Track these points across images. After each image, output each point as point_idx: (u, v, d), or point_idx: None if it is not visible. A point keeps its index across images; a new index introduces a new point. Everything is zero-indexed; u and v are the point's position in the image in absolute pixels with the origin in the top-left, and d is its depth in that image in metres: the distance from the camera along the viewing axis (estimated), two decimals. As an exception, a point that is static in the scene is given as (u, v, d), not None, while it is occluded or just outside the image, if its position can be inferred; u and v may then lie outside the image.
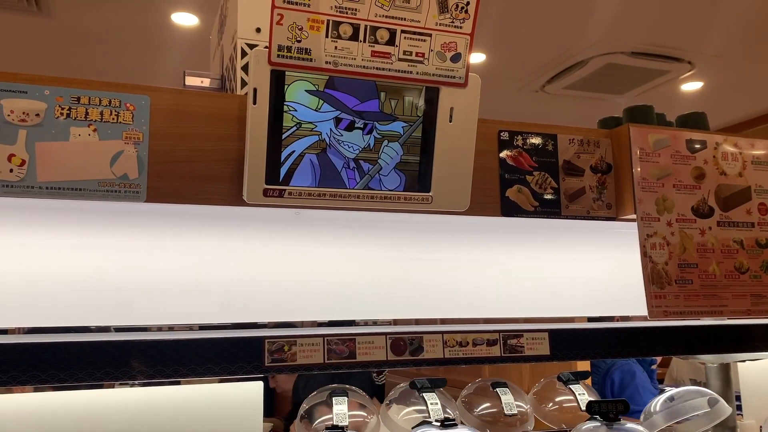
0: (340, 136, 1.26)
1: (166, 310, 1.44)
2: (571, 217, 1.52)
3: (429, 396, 1.44)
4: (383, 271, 1.62)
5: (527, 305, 1.74)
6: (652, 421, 1.53)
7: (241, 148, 1.24)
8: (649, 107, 1.65)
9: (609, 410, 1.34)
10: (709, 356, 1.76)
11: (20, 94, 1.13)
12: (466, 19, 1.24)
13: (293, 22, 1.15)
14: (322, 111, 1.24)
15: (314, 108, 1.23)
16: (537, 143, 1.52)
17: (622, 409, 1.34)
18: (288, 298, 1.53)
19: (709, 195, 1.52)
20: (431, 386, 1.46)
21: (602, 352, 1.36)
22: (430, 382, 1.47)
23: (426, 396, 1.44)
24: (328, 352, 1.17)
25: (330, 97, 1.24)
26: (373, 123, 1.28)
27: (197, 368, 1.09)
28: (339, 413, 1.39)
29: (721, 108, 6.75)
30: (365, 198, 1.29)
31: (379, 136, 1.29)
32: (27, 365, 1.01)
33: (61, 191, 1.14)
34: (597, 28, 5.04)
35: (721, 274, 1.49)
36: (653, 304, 1.41)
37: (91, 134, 1.16)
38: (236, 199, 1.25)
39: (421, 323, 1.76)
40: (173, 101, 1.24)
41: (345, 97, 1.25)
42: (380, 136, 1.29)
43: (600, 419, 1.34)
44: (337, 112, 1.25)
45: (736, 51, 5.52)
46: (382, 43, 1.21)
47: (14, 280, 1.32)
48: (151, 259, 1.41)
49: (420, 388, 1.46)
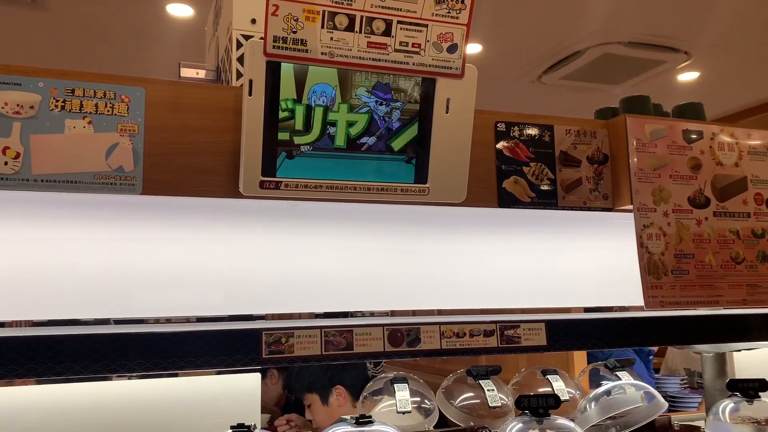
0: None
1: (163, 303, 1.44)
2: (568, 208, 1.52)
3: (485, 383, 1.52)
4: (380, 262, 1.62)
5: (524, 296, 1.75)
6: (586, 415, 1.50)
7: (237, 139, 1.24)
8: (645, 98, 1.64)
9: (539, 405, 1.30)
10: (705, 346, 1.77)
11: (14, 86, 1.12)
12: (462, 10, 1.23)
13: (289, 13, 1.14)
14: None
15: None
16: (534, 134, 1.51)
17: (553, 404, 1.30)
18: (285, 290, 1.53)
19: (705, 185, 1.53)
20: (486, 373, 1.54)
21: (598, 342, 1.36)
22: (485, 369, 1.55)
23: (482, 383, 1.52)
24: (325, 344, 1.17)
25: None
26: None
27: (194, 360, 1.09)
28: (402, 399, 1.45)
29: (717, 98, 6.75)
30: (362, 190, 1.29)
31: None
32: (24, 358, 1.01)
33: (56, 184, 1.14)
34: (593, 18, 5.03)
35: (717, 264, 1.49)
36: (649, 294, 1.41)
37: (86, 126, 1.16)
38: (232, 191, 1.25)
39: (418, 314, 1.76)
40: (168, 93, 1.23)
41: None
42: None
43: (530, 414, 1.30)
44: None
45: (733, 41, 5.51)
46: (378, 34, 1.20)
47: (10, 273, 1.31)
48: (147, 252, 1.41)
49: (476, 376, 1.54)
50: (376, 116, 1.28)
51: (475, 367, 1.56)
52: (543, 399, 1.30)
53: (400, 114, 1.29)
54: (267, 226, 1.51)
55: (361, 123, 1.27)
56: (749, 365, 1.96)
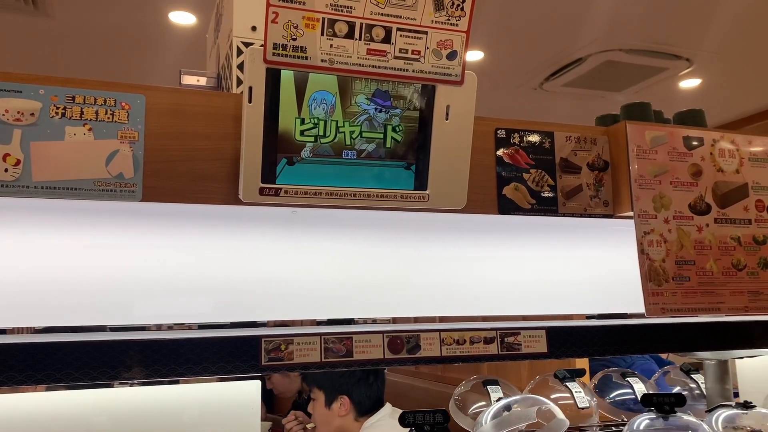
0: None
1: (163, 310, 1.44)
2: (569, 215, 1.51)
3: (572, 384, 1.61)
4: (381, 269, 1.62)
5: (525, 303, 1.74)
6: (482, 431, 1.48)
7: (237, 146, 1.24)
8: (646, 104, 1.64)
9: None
10: (706, 353, 1.76)
11: (15, 93, 1.12)
12: (462, 17, 1.23)
13: (288, 20, 1.14)
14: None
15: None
16: (534, 141, 1.51)
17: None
18: (285, 297, 1.53)
19: (706, 192, 1.52)
20: (572, 376, 1.65)
21: (599, 350, 1.36)
22: (569, 372, 1.64)
23: (569, 384, 1.62)
24: (325, 351, 1.17)
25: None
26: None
27: (194, 367, 1.09)
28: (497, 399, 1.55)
29: (719, 105, 6.75)
30: (362, 196, 1.29)
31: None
32: (23, 365, 1.01)
33: (56, 191, 1.14)
34: (595, 25, 5.04)
35: (718, 271, 1.49)
36: (650, 301, 1.41)
37: (86, 133, 1.16)
38: (232, 198, 1.25)
39: (419, 321, 1.76)
40: (169, 100, 1.24)
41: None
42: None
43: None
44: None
45: (735, 48, 5.51)
46: (377, 41, 1.20)
47: (10, 280, 1.31)
48: (147, 259, 1.41)
49: (562, 379, 1.64)
50: (376, 123, 1.28)
51: (560, 371, 1.64)
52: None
53: (400, 121, 1.29)
54: (267, 232, 1.51)
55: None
56: (751, 372, 1.95)
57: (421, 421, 1.23)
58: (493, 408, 1.50)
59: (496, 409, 1.49)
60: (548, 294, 1.75)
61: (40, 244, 1.34)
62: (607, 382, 1.79)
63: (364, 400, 2.77)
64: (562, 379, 1.61)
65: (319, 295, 1.54)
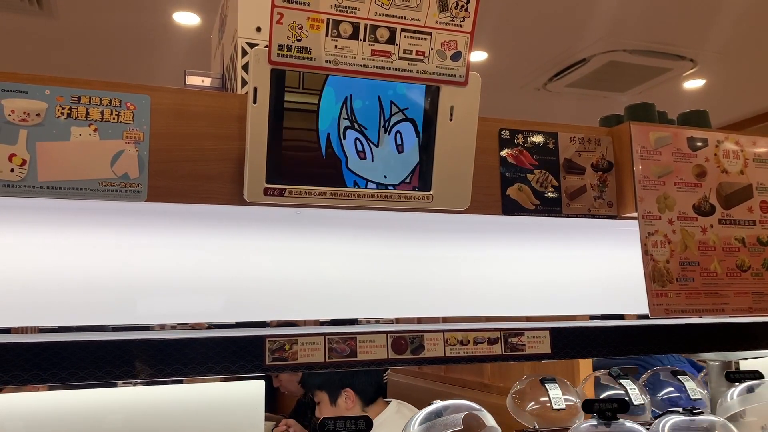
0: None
1: (168, 310, 1.45)
2: (572, 216, 1.52)
3: (626, 382, 1.67)
4: (385, 269, 1.62)
5: (528, 303, 1.74)
6: None
7: (241, 147, 1.24)
8: (650, 105, 1.64)
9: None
10: (710, 354, 1.76)
11: (21, 93, 1.13)
12: (466, 18, 1.24)
13: (293, 21, 1.15)
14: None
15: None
16: (538, 141, 1.51)
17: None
18: (290, 297, 1.53)
19: (710, 193, 1.52)
20: (625, 374, 1.70)
21: (603, 351, 1.35)
22: (622, 370, 1.69)
23: (623, 382, 1.67)
24: (329, 351, 1.17)
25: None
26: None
27: (198, 367, 1.09)
28: (555, 397, 1.58)
29: (723, 106, 6.74)
30: (366, 197, 1.29)
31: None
32: (29, 364, 1.01)
33: (61, 191, 1.14)
34: (599, 25, 5.03)
35: (722, 272, 1.49)
36: (654, 302, 1.41)
37: (91, 134, 1.16)
38: (237, 198, 1.25)
39: (423, 321, 1.76)
40: (174, 101, 1.24)
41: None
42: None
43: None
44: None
45: (739, 49, 5.50)
46: (382, 41, 1.21)
47: (16, 280, 1.32)
48: (152, 259, 1.41)
49: (616, 377, 1.69)
50: (380, 123, 1.28)
51: (614, 369, 1.69)
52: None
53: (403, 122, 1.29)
54: (271, 232, 1.51)
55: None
56: (756, 374, 1.94)
57: (342, 428, 1.20)
58: (423, 413, 1.45)
59: (424, 414, 1.44)
60: (552, 295, 1.75)
61: (45, 244, 1.34)
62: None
63: (367, 388, 2.81)
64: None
65: (322, 295, 1.54)
